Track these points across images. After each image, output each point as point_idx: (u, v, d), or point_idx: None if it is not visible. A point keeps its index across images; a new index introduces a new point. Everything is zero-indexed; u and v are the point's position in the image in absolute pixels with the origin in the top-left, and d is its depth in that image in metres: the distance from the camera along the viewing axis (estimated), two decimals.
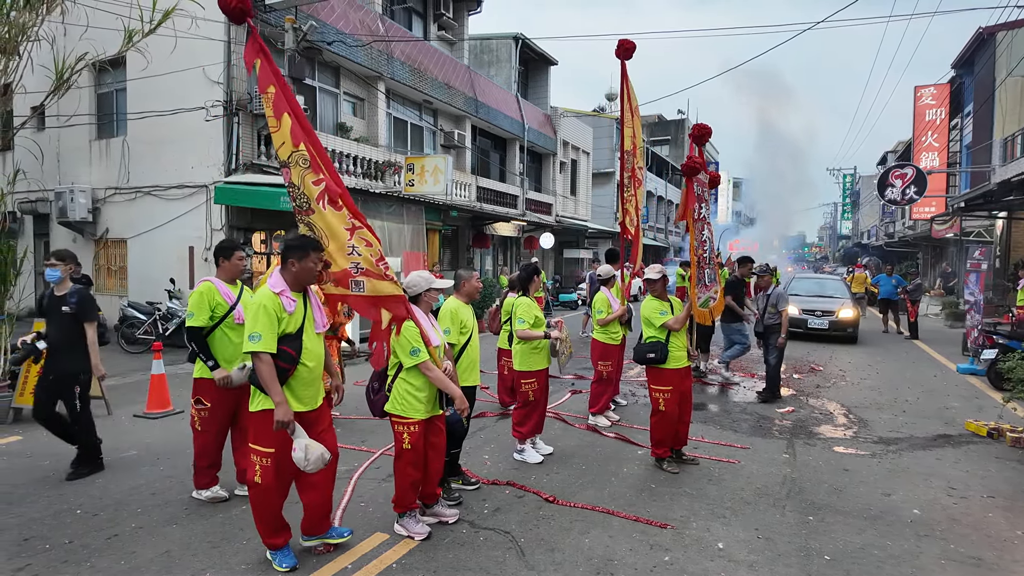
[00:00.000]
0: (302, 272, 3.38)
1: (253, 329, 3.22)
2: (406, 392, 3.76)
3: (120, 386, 8.06)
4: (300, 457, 3.24)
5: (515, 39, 22.37)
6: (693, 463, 5.30)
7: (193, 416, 4.39)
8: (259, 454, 3.35)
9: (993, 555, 3.76)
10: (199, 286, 4.33)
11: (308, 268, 3.39)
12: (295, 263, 3.37)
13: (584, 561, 3.60)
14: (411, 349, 3.69)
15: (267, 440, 3.32)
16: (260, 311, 3.24)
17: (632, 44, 5.97)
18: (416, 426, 3.76)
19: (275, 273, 3.42)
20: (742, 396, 8.12)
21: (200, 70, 11.01)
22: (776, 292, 7.88)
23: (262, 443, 3.34)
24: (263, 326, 3.21)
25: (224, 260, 4.42)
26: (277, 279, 3.37)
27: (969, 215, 18.82)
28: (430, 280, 4.02)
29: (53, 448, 5.54)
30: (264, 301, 3.26)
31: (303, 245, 3.41)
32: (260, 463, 3.35)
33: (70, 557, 3.57)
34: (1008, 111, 19.39)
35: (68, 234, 13.46)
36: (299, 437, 3.28)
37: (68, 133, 13.00)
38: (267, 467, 3.34)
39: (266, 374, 3.20)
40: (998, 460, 5.57)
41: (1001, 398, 7.10)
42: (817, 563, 3.63)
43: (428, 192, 15.16)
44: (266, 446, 3.33)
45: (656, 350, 5.09)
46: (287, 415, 3.24)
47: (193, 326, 4.24)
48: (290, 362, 3.31)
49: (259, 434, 3.35)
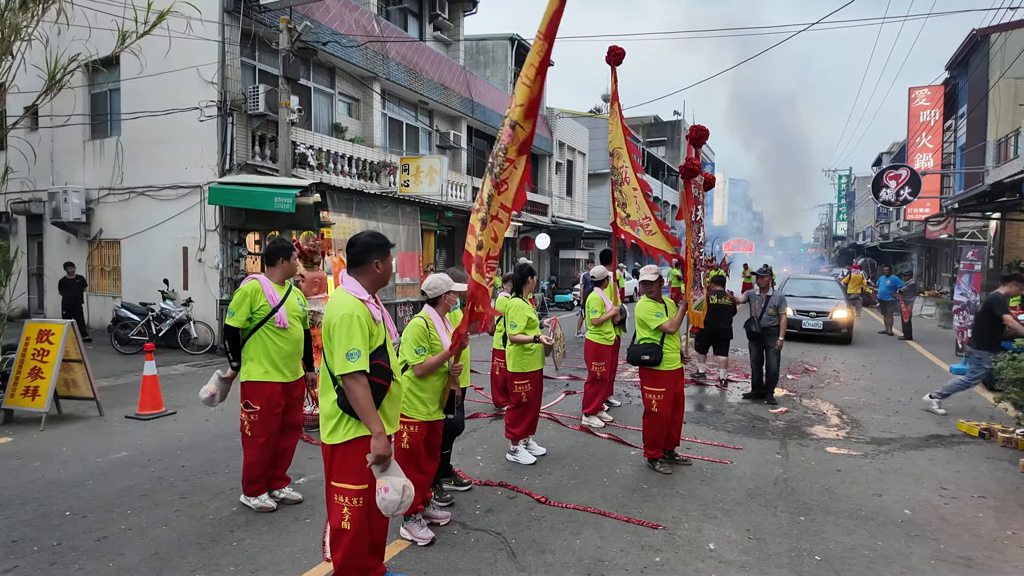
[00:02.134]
0: (385, 273, 2.98)
1: (350, 346, 2.68)
2: (410, 391, 3.74)
3: (112, 387, 8.03)
4: (395, 500, 2.70)
5: (511, 40, 22.39)
6: (686, 464, 5.31)
7: (243, 421, 4.15)
8: (348, 493, 2.81)
9: (983, 555, 3.77)
10: (244, 284, 4.12)
11: (389, 268, 3.00)
12: (379, 263, 2.93)
13: (575, 562, 3.59)
14: (416, 348, 3.69)
15: (357, 476, 2.81)
16: (354, 323, 2.72)
17: (622, 51, 5.96)
18: (416, 427, 3.75)
19: (348, 278, 2.93)
20: (736, 397, 8.13)
21: (195, 70, 10.98)
22: (777, 295, 7.93)
23: (351, 480, 2.81)
24: (360, 341, 2.71)
25: (283, 260, 4.24)
26: (356, 285, 2.90)
27: (963, 216, 18.88)
28: (450, 283, 3.97)
29: (43, 450, 5.53)
30: (355, 311, 2.75)
31: (384, 244, 2.98)
32: (349, 504, 2.81)
33: (58, 559, 3.55)
34: (1001, 112, 19.50)
35: (61, 235, 13.41)
36: (394, 476, 2.75)
37: (61, 133, 12.95)
38: (358, 508, 2.81)
39: (363, 398, 2.70)
40: (989, 460, 5.59)
41: (993, 398, 7.13)
42: (808, 564, 3.64)
43: (423, 193, 15.15)
44: (357, 483, 2.82)
45: (651, 352, 5.10)
46: (387, 448, 2.74)
47: (230, 325, 4.07)
48: (387, 377, 2.87)
49: (346, 469, 2.82)
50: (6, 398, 6.40)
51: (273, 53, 11.92)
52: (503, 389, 6.96)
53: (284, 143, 11.28)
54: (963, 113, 23.59)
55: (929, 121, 24.30)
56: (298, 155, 12.14)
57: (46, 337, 6.43)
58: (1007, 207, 15.14)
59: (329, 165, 13.17)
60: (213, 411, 6.92)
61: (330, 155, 13.27)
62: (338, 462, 2.85)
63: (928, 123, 24.30)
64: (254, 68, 12.35)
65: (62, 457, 5.33)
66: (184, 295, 11.55)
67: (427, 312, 3.85)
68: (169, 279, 11.64)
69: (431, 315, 3.84)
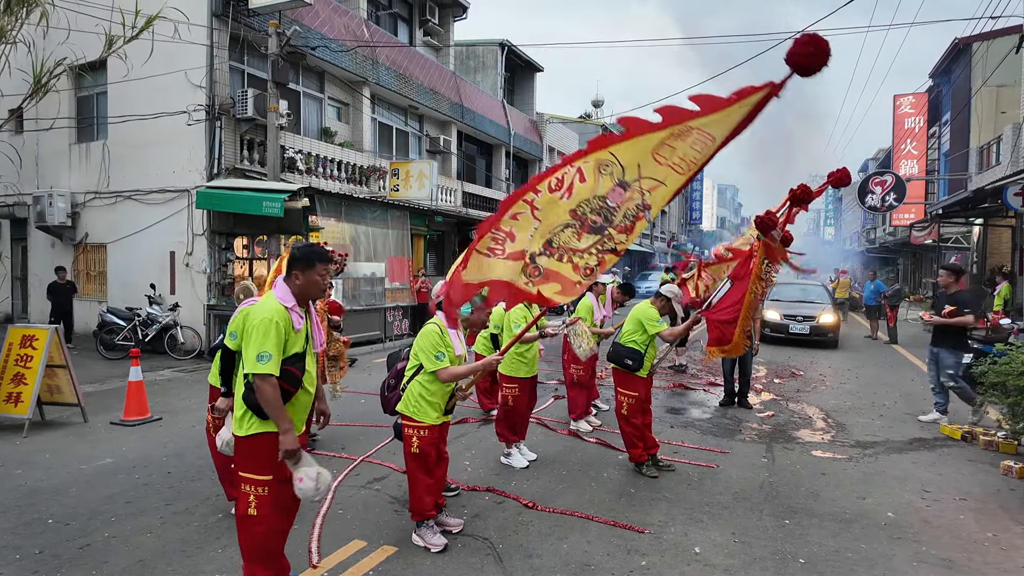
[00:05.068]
0: (308, 286, 3.03)
1: (262, 348, 2.81)
2: (419, 395, 3.76)
3: (97, 393, 7.95)
4: (310, 487, 2.89)
5: (501, 45, 22.46)
6: (669, 469, 5.31)
7: (209, 422, 4.17)
8: (252, 483, 2.94)
9: (964, 556, 3.82)
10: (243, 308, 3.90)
11: (314, 282, 3.04)
12: (299, 276, 3.02)
13: (562, 567, 3.61)
14: (436, 353, 3.71)
15: (261, 467, 2.93)
16: (271, 327, 2.84)
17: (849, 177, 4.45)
18: (426, 431, 3.76)
19: (280, 283, 3.06)
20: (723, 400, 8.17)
21: (183, 74, 10.92)
22: None
23: (255, 470, 2.94)
24: (273, 345, 2.83)
25: None
26: (285, 291, 3.01)
27: (947, 222, 19.16)
28: None
29: (26, 457, 5.46)
30: (275, 316, 2.87)
31: (308, 256, 3.05)
32: (255, 492, 2.93)
33: (41, 567, 3.52)
34: (984, 120, 19.81)
35: (46, 239, 13.26)
36: (307, 466, 2.92)
37: (47, 137, 12.83)
38: (264, 497, 2.93)
39: (273, 399, 2.83)
40: (971, 463, 5.67)
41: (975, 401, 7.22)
42: (792, 567, 3.67)
43: (413, 197, 15.15)
44: (261, 473, 2.93)
45: (634, 358, 5.13)
46: (295, 443, 2.88)
47: (228, 346, 3.80)
48: (295, 385, 2.96)
49: (253, 460, 2.94)
50: None
51: (262, 57, 11.89)
52: (487, 391, 6.99)
53: (273, 147, 11.24)
54: (947, 120, 23.95)
55: (914, 128, 24.64)
56: (287, 159, 12.10)
57: (29, 342, 6.36)
58: (989, 213, 15.37)
59: (318, 169, 13.14)
60: (200, 417, 6.87)
61: (319, 159, 13.24)
62: (243, 453, 2.99)
63: (913, 130, 24.64)
64: (243, 72, 12.31)
65: (45, 464, 5.27)
66: (171, 300, 11.46)
67: (438, 318, 3.87)
68: (156, 284, 11.55)
69: (443, 320, 3.85)
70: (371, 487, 4.80)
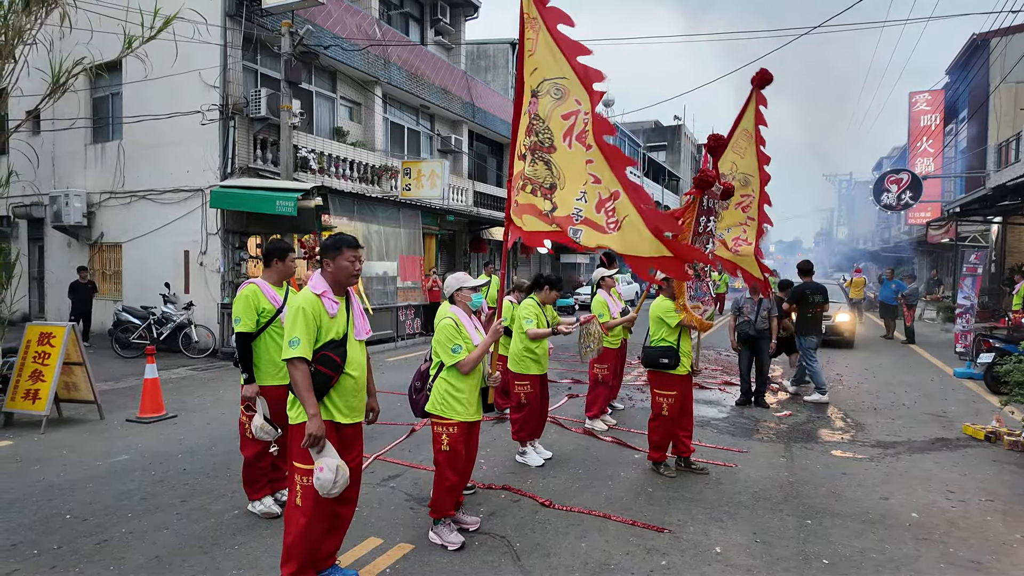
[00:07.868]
0: (338, 272, 3.15)
1: (292, 334, 2.98)
2: (446, 392, 3.73)
3: (113, 390, 7.99)
4: (328, 480, 2.90)
5: (512, 45, 22.42)
6: (703, 472, 5.18)
7: (243, 423, 4.09)
8: (301, 472, 3.03)
9: (992, 558, 3.73)
10: (243, 289, 4.08)
11: (343, 267, 3.14)
12: (329, 263, 3.15)
13: (580, 566, 3.56)
14: (452, 346, 3.68)
15: (307, 456, 3.02)
16: (299, 314, 2.99)
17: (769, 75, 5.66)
18: (455, 427, 3.73)
19: (316, 274, 3.23)
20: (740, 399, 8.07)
21: (196, 74, 10.98)
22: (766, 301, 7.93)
23: (305, 459, 3.02)
24: (301, 330, 2.97)
25: (278, 261, 4.19)
26: (318, 280, 3.16)
27: (965, 220, 18.87)
28: (462, 279, 3.93)
29: (43, 453, 5.49)
30: (303, 304, 3.02)
31: (337, 243, 3.17)
32: (302, 483, 3.02)
33: (58, 563, 3.52)
34: (1002, 116, 19.51)
35: (63, 238, 13.40)
36: (328, 456, 2.96)
37: (63, 137, 12.96)
38: (309, 487, 3.00)
39: (302, 383, 2.94)
40: (996, 463, 5.55)
41: (998, 401, 7.09)
42: (815, 567, 3.60)
43: (425, 197, 15.15)
44: (307, 463, 3.01)
45: (668, 355, 5.00)
46: (320, 429, 2.94)
47: (242, 332, 3.99)
48: (335, 370, 3.05)
49: (300, 448, 3.03)
50: (6, 401, 6.37)
51: (275, 57, 11.94)
52: (503, 391, 6.94)
53: (286, 147, 11.28)
54: (964, 117, 23.61)
55: (930, 125, 24.33)
56: (300, 159, 12.14)
57: (47, 340, 6.41)
58: (1008, 211, 15.14)
59: (331, 169, 13.17)
60: (214, 414, 6.90)
61: (332, 159, 13.28)
62: (295, 441, 3.07)
63: (929, 127, 24.32)
64: (256, 72, 12.37)
65: (62, 460, 5.30)
66: (185, 299, 11.53)
67: (452, 312, 3.82)
68: (170, 283, 11.62)
69: (457, 313, 3.81)
70: (386, 484, 4.78)
